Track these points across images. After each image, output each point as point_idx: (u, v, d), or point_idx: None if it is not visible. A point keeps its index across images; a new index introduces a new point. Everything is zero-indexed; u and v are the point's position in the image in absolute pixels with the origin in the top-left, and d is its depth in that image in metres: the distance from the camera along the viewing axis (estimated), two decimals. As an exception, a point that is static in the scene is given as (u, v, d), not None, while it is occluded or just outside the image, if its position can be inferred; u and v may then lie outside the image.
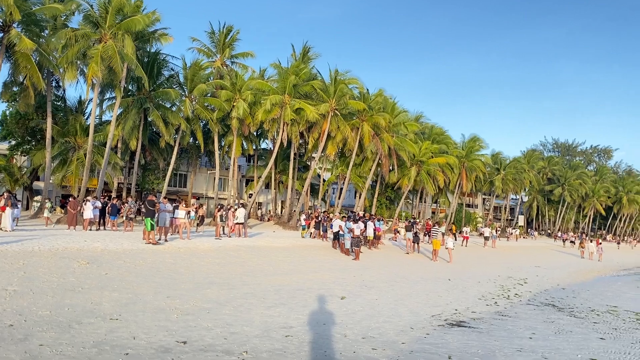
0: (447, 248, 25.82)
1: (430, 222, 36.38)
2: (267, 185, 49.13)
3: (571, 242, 50.91)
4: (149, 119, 35.17)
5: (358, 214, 33.65)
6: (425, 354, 8.33)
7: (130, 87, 35.27)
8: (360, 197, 44.15)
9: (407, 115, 44.64)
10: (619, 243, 57.98)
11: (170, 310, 9.96)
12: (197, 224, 26.90)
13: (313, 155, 43.48)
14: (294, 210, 38.98)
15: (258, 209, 50.61)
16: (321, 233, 27.83)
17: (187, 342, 7.91)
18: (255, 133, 42.26)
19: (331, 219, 27.66)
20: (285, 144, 37.65)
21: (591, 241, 47.21)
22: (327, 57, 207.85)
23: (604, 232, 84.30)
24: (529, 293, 17.58)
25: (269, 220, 43.42)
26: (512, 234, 55.67)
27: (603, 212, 78.11)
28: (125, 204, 26.12)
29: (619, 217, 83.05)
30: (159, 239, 19.41)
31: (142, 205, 19.04)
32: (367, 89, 39.65)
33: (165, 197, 22.61)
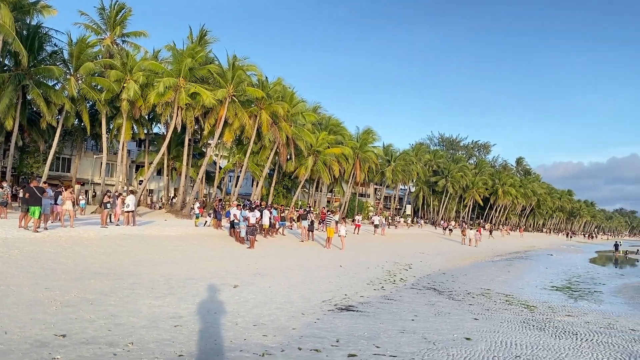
0: (340, 236, 26.61)
1: (325, 211, 37.23)
2: (159, 172, 47.25)
3: (450, 230, 54.54)
4: (29, 97, 32.26)
5: (255, 202, 33.55)
6: (314, 338, 8.57)
7: (7, 62, 32.13)
8: (257, 186, 43.98)
9: (305, 105, 45.11)
10: (490, 232, 63.00)
11: (48, 302, 9.32)
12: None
13: (209, 141, 42.53)
14: (188, 198, 37.96)
15: (149, 196, 48.56)
16: (216, 221, 27.41)
17: (66, 335, 7.46)
18: (147, 117, 40.39)
19: (227, 208, 27.32)
20: (179, 129, 36.44)
21: (471, 229, 51.08)
22: (225, 44, 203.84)
23: (481, 221, 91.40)
24: (413, 278, 18.67)
25: (160, 208, 41.90)
26: (399, 222, 58.59)
27: (481, 203, 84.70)
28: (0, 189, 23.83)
29: (495, 207, 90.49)
30: (38, 227, 17.99)
31: (26, 191, 17.45)
32: (266, 77, 39.49)
33: (45, 182, 20.97)
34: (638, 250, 64.35)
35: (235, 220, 23.08)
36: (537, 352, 8.56)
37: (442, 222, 63.61)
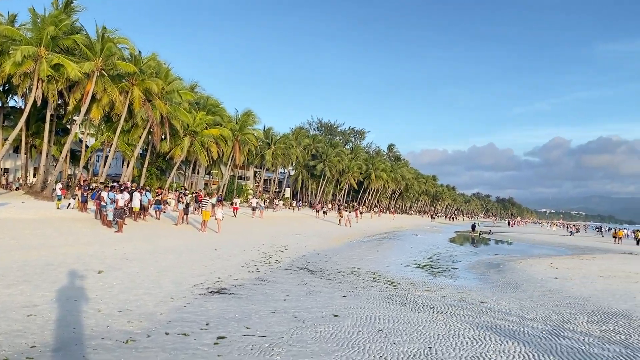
0: (216, 219, 26.20)
1: (201, 193, 36.38)
2: (16, 149, 42.82)
3: (324, 212, 56.25)
4: None
5: (124, 183, 31.81)
6: (183, 323, 8.39)
7: None
8: (128, 166, 41.62)
9: (182, 83, 43.41)
10: (361, 213, 65.92)
11: None
12: None
13: (74, 118, 39.32)
14: (50, 179, 34.87)
15: (3, 176, 43.85)
16: (81, 204, 25.53)
17: None
18: (1, 88, 36.29)
19: (94, 189, 25.57)
20: (39, 103, 33.18)
21: (347, 211, 53.10)
22: (95, 14, 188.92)
23: (356, 203, 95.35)
24: (288, 259, 18.99)
25: (17, 189, 38.05)
26: (278, 205, 59.16)
27: (355, 186, 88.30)
28: None
29: (368, 190, 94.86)
30: None
31: None
32: (140, 51, 37.26)
33: None
34: (490, 230, 71.51)
35: (102, 203, 21.71)
36: (398, 325, 9.17)
37: (319, 205, 65.21)
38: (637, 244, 50.65)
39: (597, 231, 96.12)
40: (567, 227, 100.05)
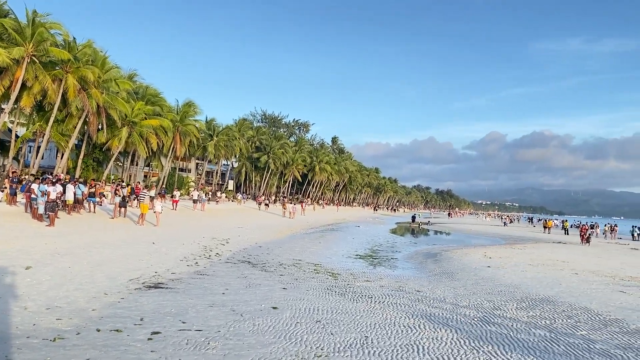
0: (155, 212, 25.55)
1: (140, 186, 35.35)
2: (-63, 139, 40.08)
3: (266, 204, 56.07)
4: None
5: (57, 175, 30.47)
6: (116, 319, 8.15)
7: None
8: (62, 158, 39.81)
9: (120, 71, 41.78)
10: (303, 206, 66.29)
11: None
12: None
13: (3, 106, 37.14)
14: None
15: None
16: (10, 196, 24.19)
17: None
18: None
19: (21, 181, 24.30)
20: (-38, 90, 31.14)
21: (291, 203, 53.15)
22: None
23: (300, 195, 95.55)
24: (229, 252, 18.80)
25: (-62, 181, 35.61)
26: (221, 197, 58.37)
27: (300, 179, 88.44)
28: None
29: (313, 183, 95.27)
30: None
31: None
32: (74, 38, 35.59)
33: None
34: (429, 221, 73.54)
35: (33, 195, 20.68)
36: (336, 315, 9.30)
37: (260, 197, 64.87)
38: (566, 233, 53.52)
39: (529, 221, 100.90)
40: (502, 218, 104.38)
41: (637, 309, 11.30)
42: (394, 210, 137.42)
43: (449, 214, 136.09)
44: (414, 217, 67.76)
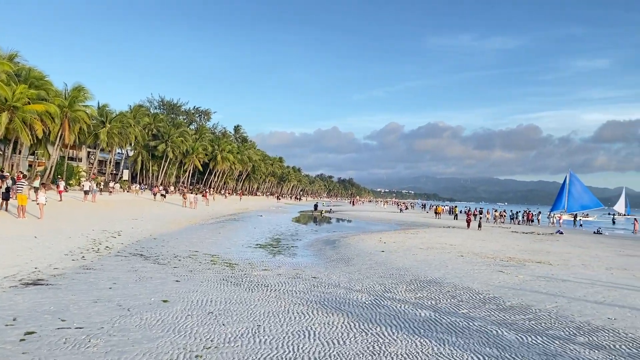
0: (38, 203, 23.67)
1: (21, 175, 32.58)
2: None
3: (162, 195, 54.26)
4: None
5: None
6: (-17, 321, 7.43)
7: None
8: None
9: (-2, 51, 38.16)
10: (206, 196, 64.99)
11: None
12: None
13: None
14: None
15: None
16: None
17: None
18: None
19: None
20: None
21: (192, 193, 51.79)
22: None
23: (201, 186, 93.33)
24: (120, 245, 17.90)
25: None
26: (114, 188, 55.44)
27: (201, 168, 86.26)
28: None
29: (214, 172, 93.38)
30: None
31: None
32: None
33: None
34: (331, 209, 75.10)
35: None
36: (230, 306, 9.17)
37: (155, 187, 62.41)
38: (455, 218, 57.10)
39: (423, 208, 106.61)
40: (398, 205, 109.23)
41: (513, 287, 12.29)
42: (298, 199, 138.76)
43: (352, 202, 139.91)
44: (316, 206, 68.86)
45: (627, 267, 17.40)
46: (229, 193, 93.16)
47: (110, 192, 51.50)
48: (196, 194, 57.98)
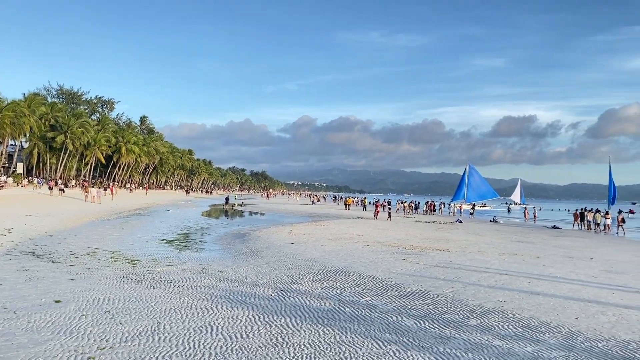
0: None
1: None
2: None
3: (60, 189, 51.11)
4: None
5: None
6: None
7: None
8: None
9: None
10: (112, 190, 62.05)
11: None
12: None
13: None
14: None
15: None
16: None
17: None
18: None
19: None
20: None
21: (95, 187, 49.10)
22: None
23: (104, 179, 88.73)
24: (11, 243, 16.60)
25: None
26: (6, 182, 51.25)
27: (104, 161, 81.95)
28: None
29: (119, 165, 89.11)
30: None
31: None
32: None
33: None
34: (243, 202, 74.44)
35: None
36: (129, 304, 8.79)
37: (51, 181, 58.48)
38: (364, 209, 58.73)
39: (334, 200, 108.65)
40: (310, 197, 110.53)
41: (414, 274, 12.85)
42: (209, 192, 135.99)
43: (267, 195, 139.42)
44: (227, 199, 67.81)
45: (517, 253, 18.80)
46: (134, 187, 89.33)
47: (2, 186, 47.57)
48: (99, 188, 55.10)
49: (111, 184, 69.90)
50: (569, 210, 73.13)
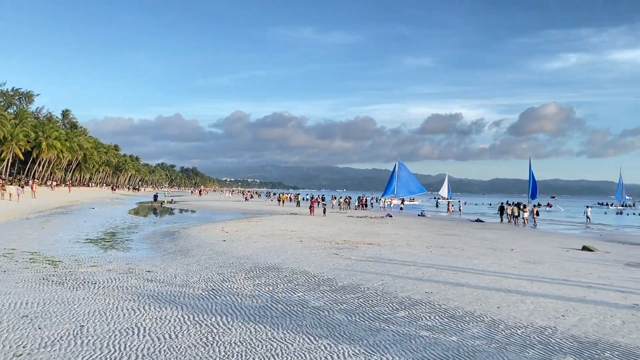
0: None
1: None
2: None
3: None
4: None
5: None
6: None
7: None
8: None
9: None
10: (33, 187, 58.65)
11: None
12: None
13: None
14: None
15: None
16: None
17: None
18: None
19: None
20: None
21: (15, 185, 46.28)
22: None
23: (23, 176, 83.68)
24: None
25: None
26: None
27: (22, 157, 77.21)
28: None
29: (39, 161, 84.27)
30: None
31: None
32: None
33: None
34: (172, 199, 72.54)
35: None
36: (49, 307, 8.36)
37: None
38: (297, 205, 58.93)
39: (267, 196, 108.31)
40: (243, 194, 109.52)
41: (346, 268, 13.05)
42: (136, 189, 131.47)
43: (199, 191, 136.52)
44: (155, 196, 65.98)
45: (443, 245, 19.55)
46: (56, 184, 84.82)
47: None
48: (19, 186, 51.93)
49: (31, 182, 65.90)
50: (490, 204, 76.94)
